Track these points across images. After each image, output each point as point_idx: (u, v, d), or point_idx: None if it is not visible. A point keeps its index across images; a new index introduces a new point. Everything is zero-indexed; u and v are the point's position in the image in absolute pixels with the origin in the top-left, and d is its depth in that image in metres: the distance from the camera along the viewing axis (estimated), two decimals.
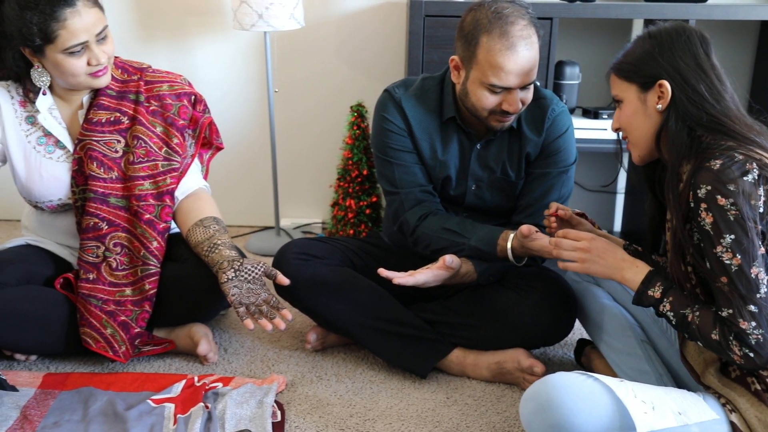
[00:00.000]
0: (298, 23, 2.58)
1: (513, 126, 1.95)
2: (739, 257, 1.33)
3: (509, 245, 1.86)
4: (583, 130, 2.54)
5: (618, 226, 3.06)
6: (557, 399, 1.36)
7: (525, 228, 1.79)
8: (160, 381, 1.90)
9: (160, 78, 2.03)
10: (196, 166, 2.08)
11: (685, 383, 1.65)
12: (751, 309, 1.33)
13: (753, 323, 1.33)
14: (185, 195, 2.02)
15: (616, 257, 1.55)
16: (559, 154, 1.97)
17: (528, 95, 1.86)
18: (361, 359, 2.08)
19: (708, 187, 1.34)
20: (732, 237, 1.33)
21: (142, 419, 1.72)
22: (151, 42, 2.89)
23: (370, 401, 1.88)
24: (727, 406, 1.41)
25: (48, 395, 1.83)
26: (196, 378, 1.90)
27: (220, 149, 2.16)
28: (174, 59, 2.91)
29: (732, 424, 1.38)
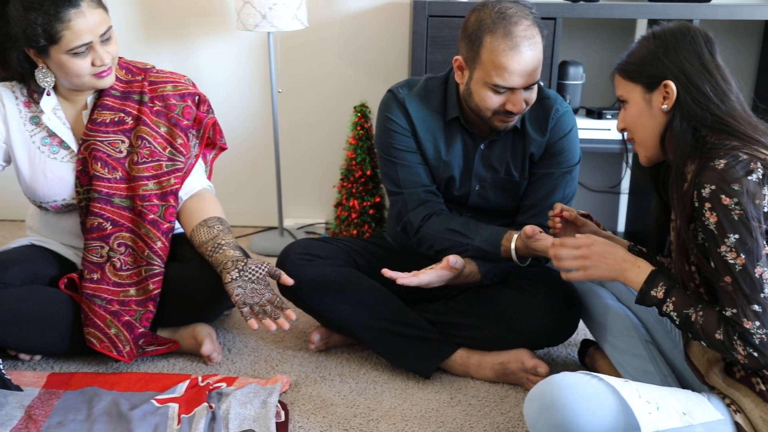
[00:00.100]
0: (301, 24, 2.58)
1: (517, 126, 1.95)
2: (743, 257, 1.33)
3: (513, 246, 1.86)
4: (587, 130, 2.54)
5: (622, 226, 3.05)
6: (562, 399, 1.36)
7: (529, 228, 1.79)
8: (164, 381, 1.90)
9: (164, 78, 2.04)
10: (200, 166, 2.09)
11: (690, 384, 1.65)
12: (755, 309, 1.33)
13: (757, 323, 1.33)
14: (189, 195, 2.02)
15: (616, 258, 1.55)
16: (563, 154, 1.97)
17: (532, 95, 1.85)
18: (365, 359, 2.08)
19: (712, 187, 1.34)
20: (736, 237, 1.33)
21: (146, 419, 1.73)
22: (155, 43, 2.90)
23: (373, 401, 1.88)
24: (732, 406, 1.41)
25: (52, 395, 1.83)
26: (200, 378, 1.90)
27: (223, 149, 2.16)
28: (178, 60, 2.91)
29: (737, 424, 1.38)
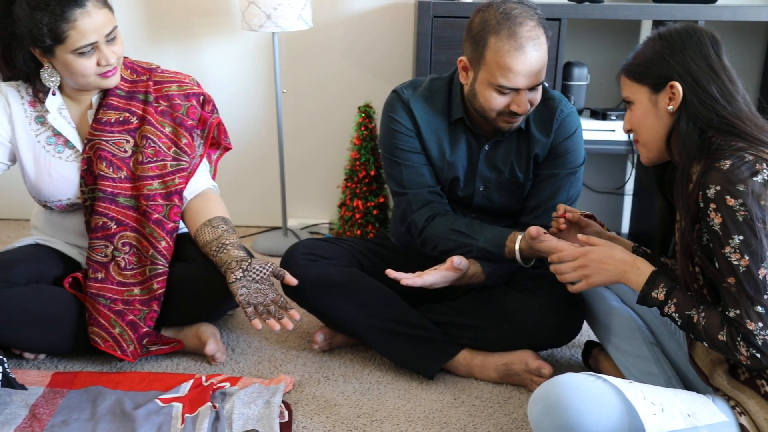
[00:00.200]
0: (306, 24, 2.58)
1: (521, 127, 1.95)
2: (747, 258, 1.33)
3: (517, 246, 1.86)
4: (592, 131, 2.53)
5: (626, 227, 3.05)
6: (566, 400, 1.36)
7: (533, 229, 1.78)
8: (168, 380, 1.90)
9: (169, 78, 2.04)
10: (204, 166, 2.09)
11: (694, 386, 1.64)
12: (759, 310, 1.33)
13: (760, 324, 1.33)
14: (194, 195, 2.03)
15: (614, 261, 1.55)
16: (568, 155, 1.97)
17: (536, 96, 1.85)
18: (369, 360, 2.08)
19: (717, 188, 1.34)
20: (740, 238, 1.33)
21: (150, 418, 1.73)
22: (160, 43, 2.90)
23: (377, 402, 1.88)
24: (737, 408, 1.40)
25: (57, 394, 1.84)
26: (203, 378, 1.90)
27: (228, 149, 2.16)
28: (182, 60, 2.91)
29: (741, 426, 1.38)
